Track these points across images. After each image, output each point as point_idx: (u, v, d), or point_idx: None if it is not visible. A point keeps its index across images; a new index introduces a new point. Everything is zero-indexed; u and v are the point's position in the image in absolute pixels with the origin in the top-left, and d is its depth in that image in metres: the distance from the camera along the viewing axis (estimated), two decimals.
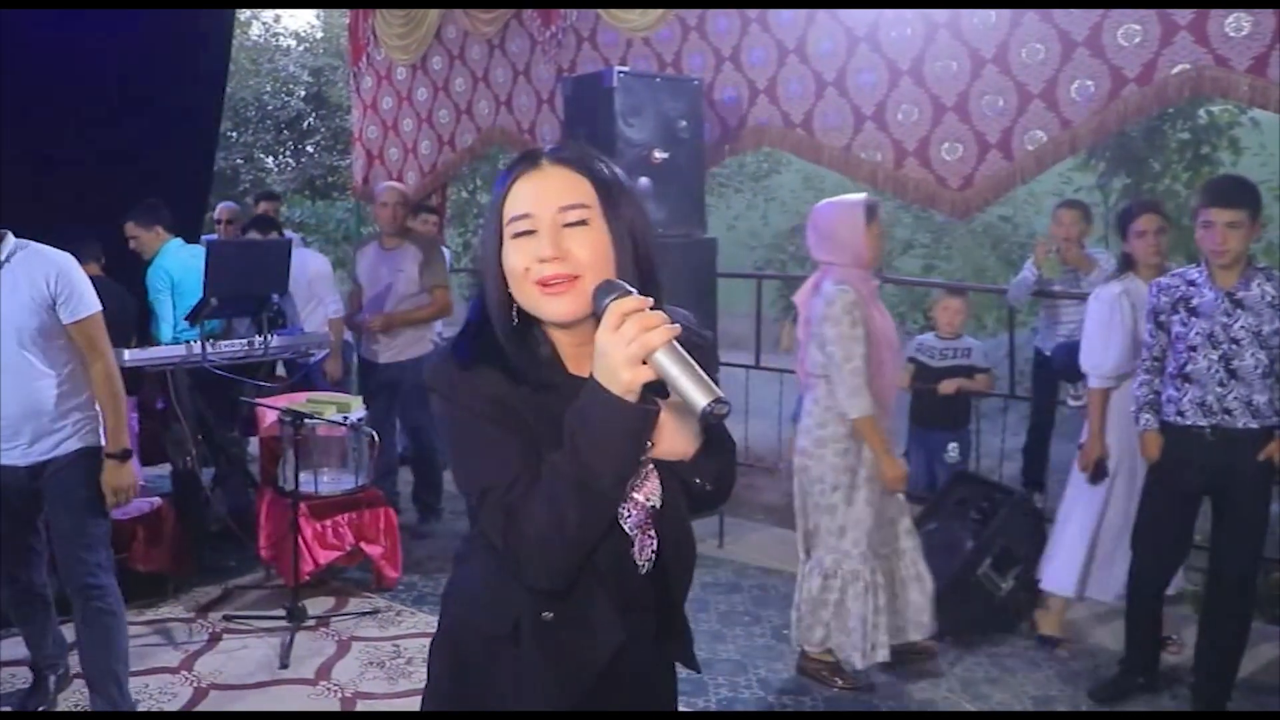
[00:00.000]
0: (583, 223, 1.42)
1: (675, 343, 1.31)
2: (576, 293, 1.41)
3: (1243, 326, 3.39)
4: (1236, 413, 3.42)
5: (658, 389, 1.36)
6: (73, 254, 5.09)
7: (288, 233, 6.75)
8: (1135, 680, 3.74)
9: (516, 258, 1.43)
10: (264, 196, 7.61)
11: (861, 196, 3.64)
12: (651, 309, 1.32)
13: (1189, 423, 3.49)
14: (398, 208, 5.45)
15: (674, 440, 1.45)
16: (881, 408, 3.63)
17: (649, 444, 1.41)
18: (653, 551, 1.58)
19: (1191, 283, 3.49)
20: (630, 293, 1.34)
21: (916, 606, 3.85)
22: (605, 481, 1.35)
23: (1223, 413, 3.43)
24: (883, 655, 3.73)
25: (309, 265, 5.88)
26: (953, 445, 5.23)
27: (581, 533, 1.39)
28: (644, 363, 1.29)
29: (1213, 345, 3.42)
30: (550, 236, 1.41)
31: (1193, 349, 3.46)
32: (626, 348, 1.28)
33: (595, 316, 1.35)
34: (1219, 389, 3.43)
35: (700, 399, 1.28)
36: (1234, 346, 3.40)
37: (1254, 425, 3.42)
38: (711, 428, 1.44)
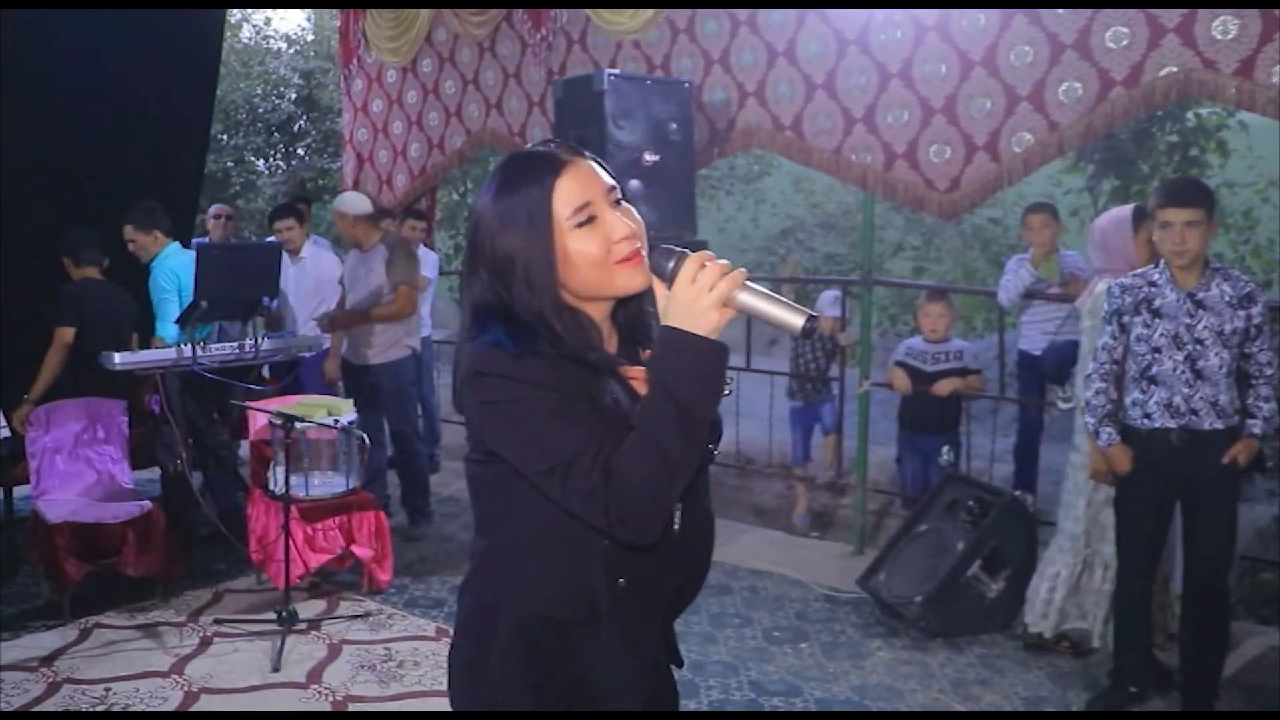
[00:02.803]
0: (619, 201, 1.58)
1: (748, 281, 1.45)
2: (643, 262, 1.55)
3: (1205, 327, 3.42)
4: (1203, 413, 3.44)
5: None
6: (72, 258, 5.12)
7: (315, 237, 6.81)
8: (1127, 691, 3.74)
9: (590, 245, 1.53)
10: (296, 199, 7.74)
11: (1130, 206, 3.93)
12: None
13: (1156, 425, 3.50)
14: (347, 223, 5.54)
15: None
16: None
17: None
18: (679, 516, 1.64)
19: (1153, 283, 3.51)
20: (685, 251, 1.48)
21: None
22: (702, 414, 1.45)
23: (1190, 413, 3.45)
24: None
25: (322, 266, 5.89)
26: (946, 448, 5.24)
27: (685, 468, 1.46)
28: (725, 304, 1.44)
29: (1177, 346, 3.45)
30: (617, 216, 1.55)
31: (1157, 350, 3.48)
32: (711, 292, 1.43)
33: (659, 278, 1.50)
34: (1186, 389, 3.45)
35: (796, 319, 1.44)
36: (1198, 347, 3.42)
37: (1219, 426, 3.44)
38: None
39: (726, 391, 1.50)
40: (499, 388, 1.50)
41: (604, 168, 1.59)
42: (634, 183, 4.76)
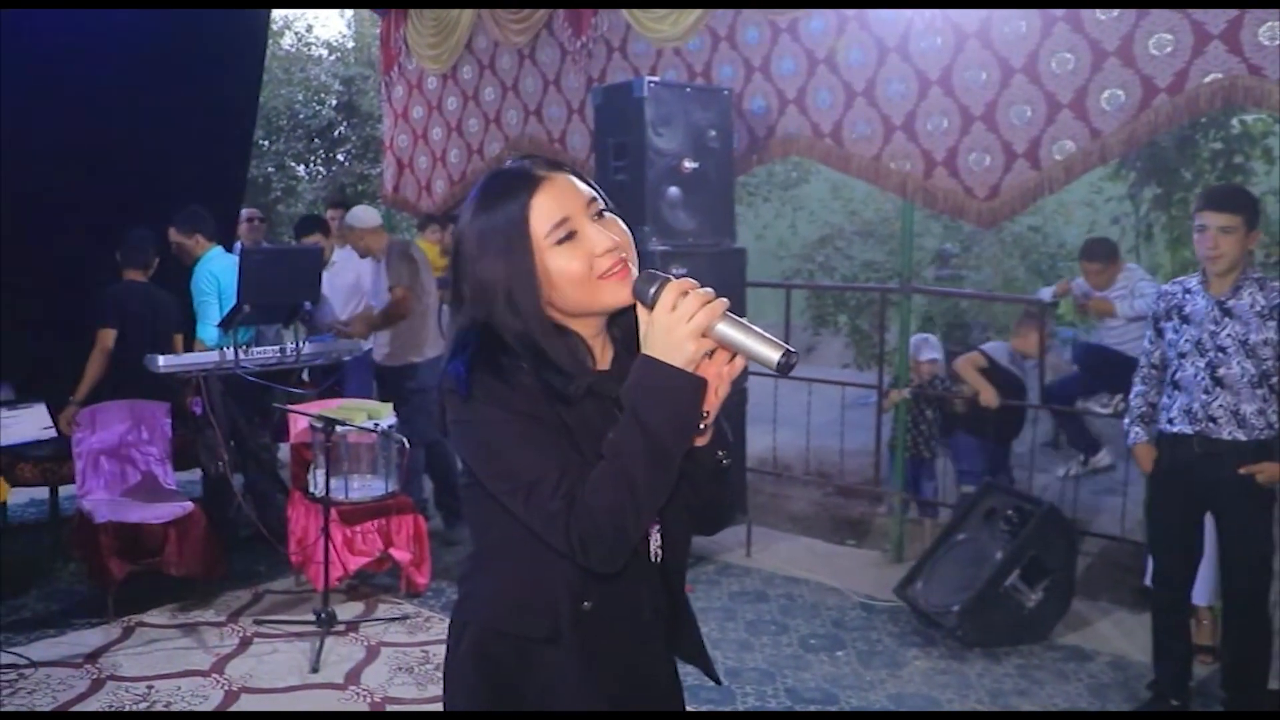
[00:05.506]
0: (602, 213, 1.53)
1: (729, 312, 1.41)
2: (629, 276, 1.49)
3: (1229, 334, 3.39)
4: (1221, 421, 3.41)
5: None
6: (121, 259, 5.19)
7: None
8: (1168, 703, 3.70)
9: (571, 262, 1.49)
10: (333, 204, 7.86)
11: None
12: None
13: (1177, 429, 3.50)
14: (358, 236, 5.74)
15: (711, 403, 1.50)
16: None
17: (705, 412, 1.47)
18: (659, 545, 1.63)
19: (1188, 290, 3.51)
20: (669, 277, 1.43)
21: None
22: (673, 448, 1.42)
23: (1207, 420, 3.42)
24: None
25: (355, 270, 5.96)
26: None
27: (652, 500, 1.44)
28: (704, 335, 1.40)
29: (1200, 352, 3.43)
30: (598, 230, 1.50)
31: (1182, 356, 3.48)
32: (689, 322, 1.39)
33: (641, 303, 1.45)
34: (1204, 396, 3.43)
35: (773, 354, 1.40)
36: (1220, 354, 3.40)
37: (1241, 437, 3.40)
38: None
39: (700, 427, 1.47)
40: (466, 407, 1.49)
41: (583, 179, 1.55)
42: (673, 190, 4.78)
